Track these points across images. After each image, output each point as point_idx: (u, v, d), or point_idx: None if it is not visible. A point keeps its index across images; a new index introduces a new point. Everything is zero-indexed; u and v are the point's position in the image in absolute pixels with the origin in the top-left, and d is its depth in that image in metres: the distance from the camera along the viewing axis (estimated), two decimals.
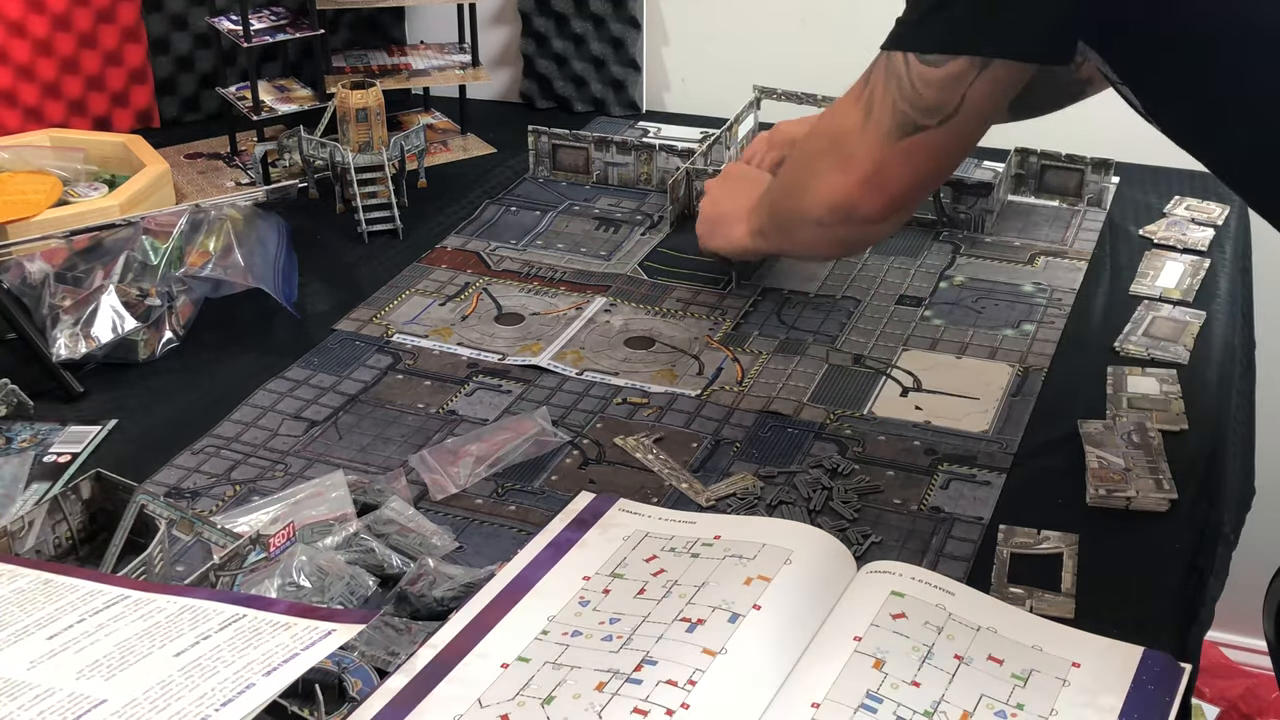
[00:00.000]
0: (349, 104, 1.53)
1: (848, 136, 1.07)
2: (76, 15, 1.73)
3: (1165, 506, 1.06)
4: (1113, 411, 1.19)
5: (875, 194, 1.08)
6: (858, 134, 1.06)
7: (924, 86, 1.01)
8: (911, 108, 1.02)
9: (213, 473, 1.13)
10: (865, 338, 1.33)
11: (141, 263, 1.31)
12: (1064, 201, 1.59)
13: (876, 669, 0.87)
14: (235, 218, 1.37)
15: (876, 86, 1.04)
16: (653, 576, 0.96)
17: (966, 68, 0.99)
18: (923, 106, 1.02)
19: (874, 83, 1.05)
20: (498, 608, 0.93)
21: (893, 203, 1.08)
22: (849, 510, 1.07)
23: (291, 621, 0.81)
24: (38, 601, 0.84)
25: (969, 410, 1.21)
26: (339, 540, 1.01)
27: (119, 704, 0.73)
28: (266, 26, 1.65)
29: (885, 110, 1.03)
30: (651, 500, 1.09)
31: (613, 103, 1.91)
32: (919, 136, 1.03)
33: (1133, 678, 0.87)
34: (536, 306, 1.39)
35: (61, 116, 1.76)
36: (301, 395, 1.24)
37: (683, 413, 1.21)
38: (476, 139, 1.83)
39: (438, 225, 1.57)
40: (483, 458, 1.13)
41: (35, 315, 1.26)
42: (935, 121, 1.02)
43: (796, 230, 1.21)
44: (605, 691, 0.84)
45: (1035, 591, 0.98)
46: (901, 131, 1.03)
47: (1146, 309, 1.35)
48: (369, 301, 1.40)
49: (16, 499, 1.09)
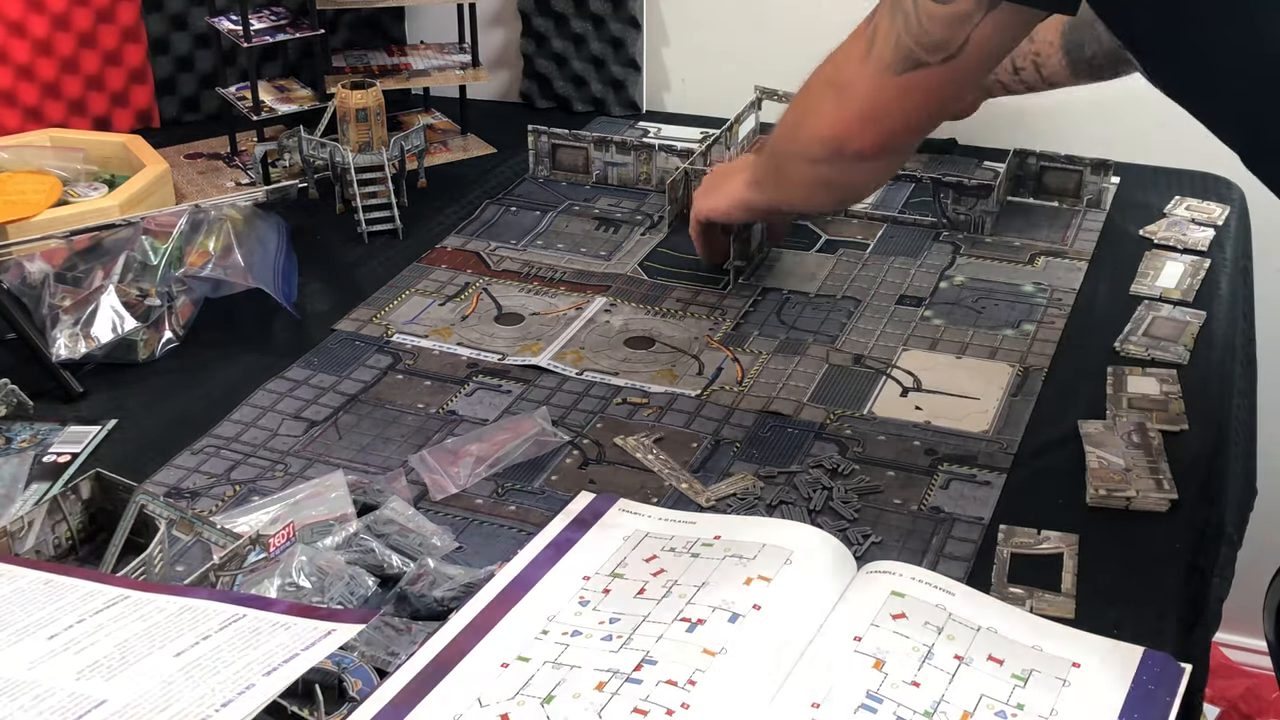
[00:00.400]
0: (349, 104, 1.53)
1: (847, 67, 1.07)
2: (76, 15, 1.73)
3: (1165, 506, 1.06)
4: (1113, 411, 1.19)
5: (869, 127, 1.07)
6: (857, 65, 1.05)
7: (929, 21, 1.00)
8: (915, 42, 1.01)
9: (212, 473, 1.13)
10: (865, 338, 1.32)
11: (141, 263, 1.31)
12: (1063, 202, 1.59)
13: (876, 669, 0.87)
14: (235, 218, 1.37)
15: (881, 20, 1.04)
16: (653, 576, 0.96)
17: (974, 7, 0.98)
18: (927, 42, 1.01)
19: (879, 16, 1.04)
20: (498, 608, 0.93)
21: (885, 138, 1.08)
22: (849, 510, 1.07)
23: (291, 621, 0.81)
24: (38, 602, 0.84)
25: (969, 410, 1.21)
26: (339, 540, 1.01)
27: (119, 704, 0.73)
28: (266, 26, 1.65)
29: (888, 44, 1.03)
30: (651, 500, 1.09)
31: (613, 103, 1.91)
32: (919, 73, 1.02)
33: (1133, 678, 0.87)
34: (536, 306, 1.39)
35: (61, 116, 1.76)
36: (301, 395, 1.24)
37: (683, 413, 1.21)
38: (476, 139, 1.83)
39: (438, 225, 1.57)
40: (483, 458, 1.13)
41: (35, 315, 1.26)
42: (938, 59, 1.01)
43: (791, 169, 1.19)
44: (605, 691, 0.84)
45: (1035, 591, 0.98)
46: (902, 66, 1.03)
47: (1147, 309, 1.35)
48: (369, 301, 1.40)
49: (16, 499, 1.09)
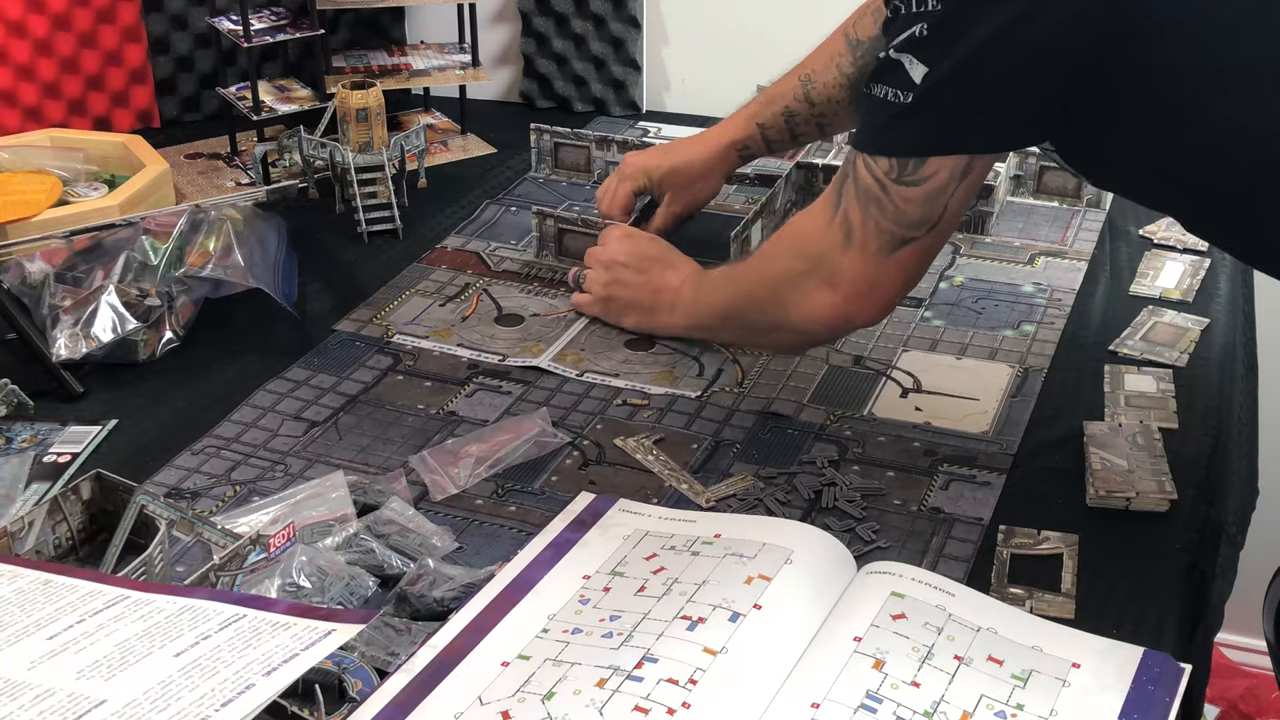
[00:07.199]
0: (349, 104, 1.53)
1: (829, 257, 1.05)
2: (76, 15, 1.73)
3: (1165, 507, 1.06)
4: (1110, 410, 1.19)
5: (870, 304, 1.07)
6: (840, 255, 1.04)
7: (907, 204, 1.00)
8: (896, 225, 1.01)
9: (213, 473, 1.13)
10: (865, 339, 1.32)
11: (141, 263, 1.31)
12: (1063, 202, 1.59)
13: (876, 669, 0.87)
14: (235, 218, 1.37)
15: (851, 209, 1.02)
16: (653, 574, 0.96)
17: (948, 179, 0.98)
18: (908, 223, 1.01)
19: (847, 204, 1.03)
20: (498, 608, 0.93)
21: (888, 305, 1.09)
22: (856, 509, 1.07)
23: (291, 621, 0.81)
24: (38, 602, 0.84)
25: (969, 411, 1.21)
26: (339, 541, 1.01)
27: (119, 704, 0.73)
28: (266, 26, 1.65)
29: (869, 233, 1.02)
30: (652, 501, 1.09)
31: (613, 103, 1.92)
32: (908, 248, 1.02)
33: (1133, 678, 0.87)
34: (536, 308, 1.39)
35: (61, 116, 1.76)
36: (302, 396, 1.24)
37: (683, 414, 1.21)
38: (476, 139, 1.83)
39: (438, 225, 1.57)
40: (483, 458, 1.13)
41: (35, 315, 1.26)
42: (923, 232, 1.01)
43: (770, 337, 1.21)
44: (606, 688, 0.84)
45: (1035, 592, 0.98)
46: (890, 248, 1.02)
47: (1148, 314, 1.35)
48: (369, 302, 1.40)
49: (16, 499, 1.09)
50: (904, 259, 1.03)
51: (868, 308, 1.07)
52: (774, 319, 1.14)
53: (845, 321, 1.09)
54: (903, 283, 1.06)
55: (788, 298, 1.10)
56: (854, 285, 1.05)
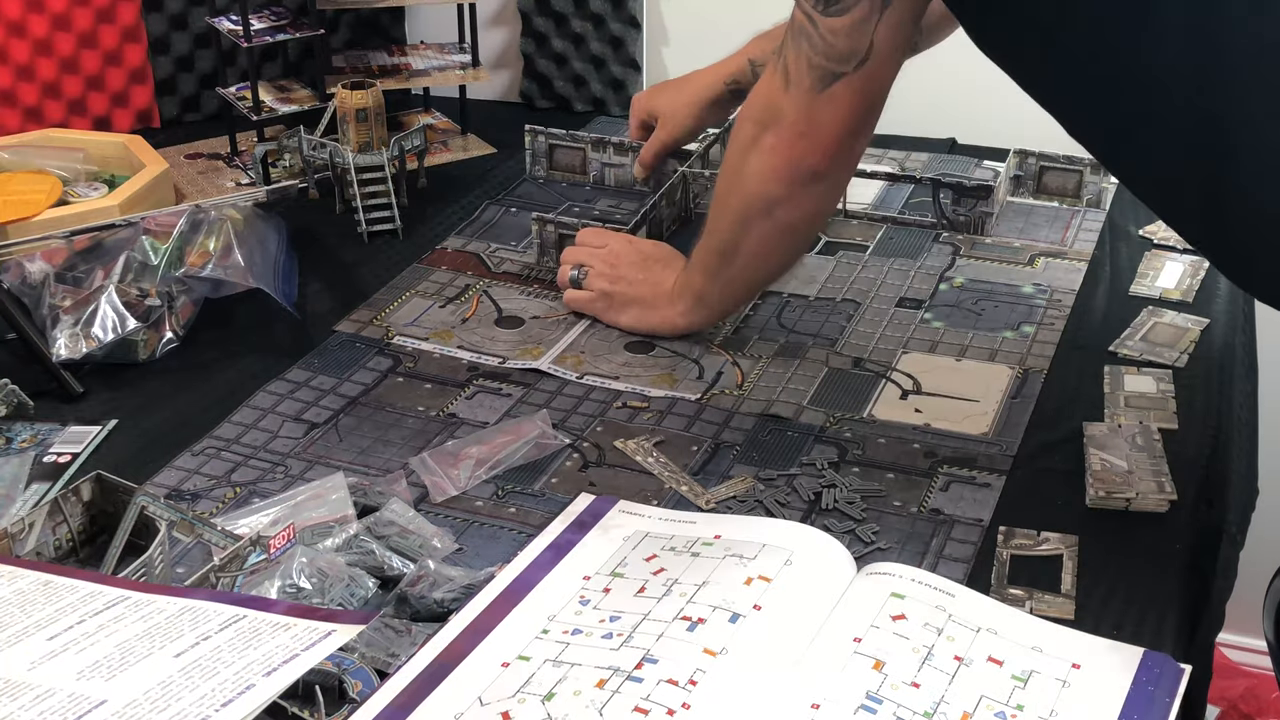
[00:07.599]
0: (349, 104, 1.53)
1: (771, 102, 1.11)
2: (76, 15, 1.73)
3: (1165, 507, 1.06)
4: (1110, 410, 1.19)
5: (812, 144, 1.11)
6: (781, 96, 1.10)
7: (832, 36, 1.05)
8: (826, 59, 1.06)
9: (213, 474, 1.13)
10: (865, 340, 1.32)
11: (141, 263, 1.31)
12: (1063, 202, 1.59)
13: (876, 670, 0.87)
14: (235, 218, 1.37)
15: (788, 51, 1.09)
16: (653, 575, 0.96)
17: (869, 10, 1.03)
18: (835, 55, 1.06)
19: (785, 49, 1.09)
20: (498, 609, 0.93)
21: (830, 149, 1.12)
22: (856, 511, 1.07)
23: (291, 622, 0.81)
24: (38, 602, 0.84)
25: (969, 413, 1.21)
26: (339, 542, 1.01)
27: (119, 705, 0.74)
28: (266, 26, 1.65)
29: (801, 69, 1.08)
30: (652, 503, 1.09)
31: (612, 102, 1.92)
32: (839, 84, 1.07)
33: (1132, 678, 0.87)
34: (537, 310, 1.39)
35: (61, 116, 1.76)
36: (302, 397, 1.24)
37: (683, 416, 1.21)
38: (476, 139, 1.83)
39: (438, 226, 1.57)
40: (483, 460, 1.13)
41: (35, 315, 1.26)
42: (851, 67, 1.06)
43: (747, 241, 1.20)
44: (606, 689, 0.84)
45: (1035, 593, 0.98)
46: (822, 84, 1.07)
47: (1148, 315, 1.35)
48: (369, 303, 1.40)
49: (16, 499, 1.09)
50: (837, 96, 1.08)
51: (811, 151, 1.11)
52: (740, 196, 1.18)
53: (792, 169, 1.13)
54: (841, 121, 1.10)
55: (745, 161, 1.15)
56: (794, 126, 1.10)
